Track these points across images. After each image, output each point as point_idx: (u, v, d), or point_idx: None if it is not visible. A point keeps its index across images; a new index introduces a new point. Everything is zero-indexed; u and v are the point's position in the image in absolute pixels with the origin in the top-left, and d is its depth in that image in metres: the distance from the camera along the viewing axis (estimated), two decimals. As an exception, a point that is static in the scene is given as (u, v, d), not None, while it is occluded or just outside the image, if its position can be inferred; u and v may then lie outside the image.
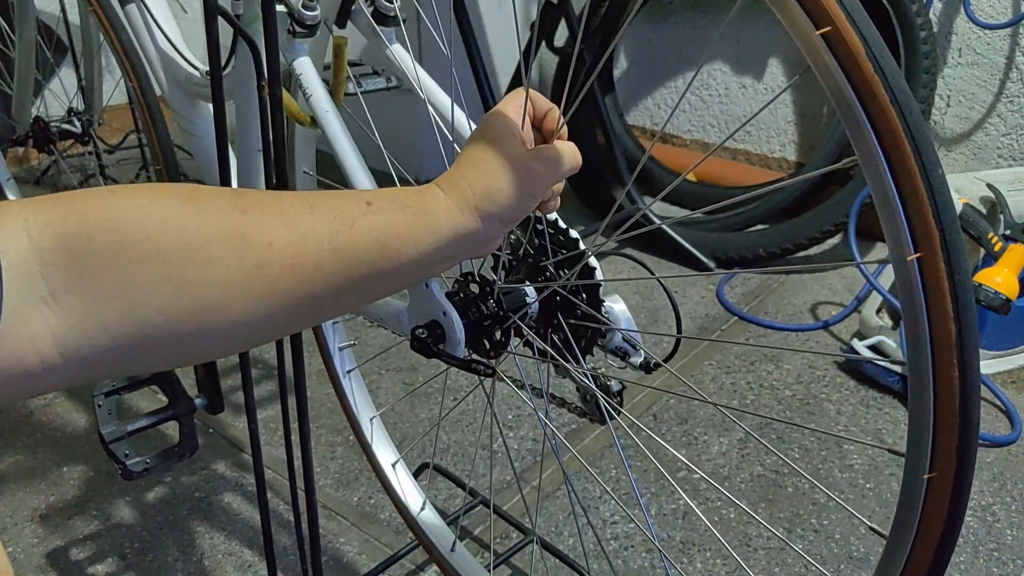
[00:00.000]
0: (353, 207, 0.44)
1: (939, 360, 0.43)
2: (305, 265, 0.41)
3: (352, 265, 0.43)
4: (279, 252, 0.40)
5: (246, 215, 0.40)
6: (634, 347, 0.63)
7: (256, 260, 0.40)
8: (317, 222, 0.42)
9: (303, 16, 0.71)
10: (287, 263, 0.41)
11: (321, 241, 0.42)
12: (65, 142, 1.64)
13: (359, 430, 1.01)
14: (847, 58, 0.41)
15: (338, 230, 0.43)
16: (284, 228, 0.41)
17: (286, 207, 0.42)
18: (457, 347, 0.61)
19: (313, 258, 0.42)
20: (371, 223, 0.44)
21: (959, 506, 0.45)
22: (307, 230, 0.42)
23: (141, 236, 0.37)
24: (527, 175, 0.50)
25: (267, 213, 0.41)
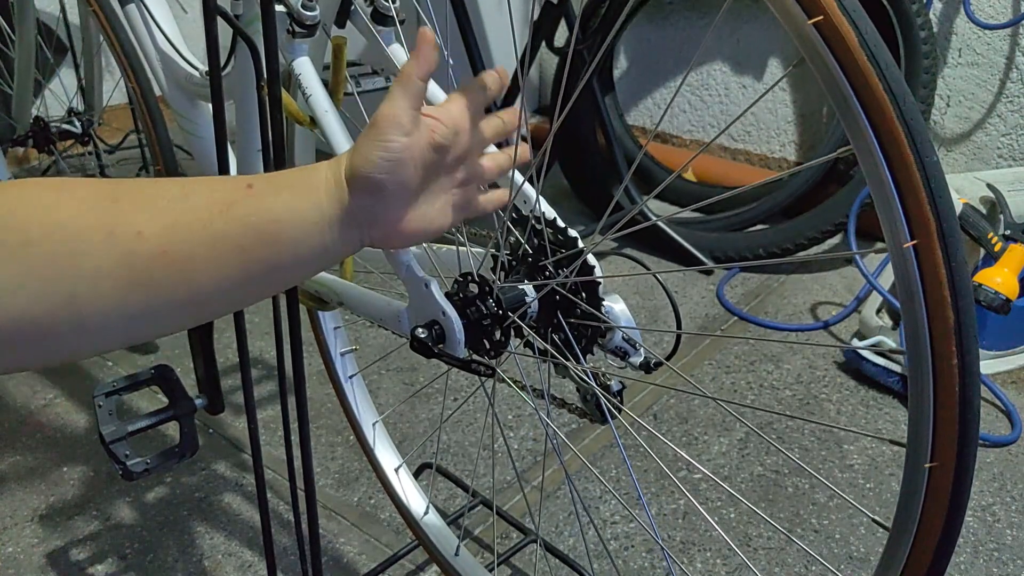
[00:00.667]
0: (231, 191, 0.42)
1: (938, 348, 0.43)
2: (177, 254, 0.39)
3: (229, 253, 0.41)
4: (148, 241, 0.39)
5: (116, 204, 0.39)
6: (634, 346, 0.63)
7: (124, 250, 0.38)
8: (190, 208, 0.40)
9: (302, 16, 0.71)
10: (157, 252, 0.39)
11: (193, 228, 0.40)
12: (65, 142, 1.64)
13: (361, 435, 1.01)
14: (840, 47, 0.41)
15: (212, 217, 0.41)
16: (154, 215, 0.39)
17: (160, 194, 0.41)
18: (457, 347, 0.61)
19: (185, 247, 0.40)
20: (247, 208, 0.42)
21: (961, 496, 0.45)
22: (179, 218, 0.40)
23: (12, 228, 0.37)
24: (374, 131, 0.47)
25: (138, 202, 0.40)
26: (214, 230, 0.41)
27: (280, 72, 0.66)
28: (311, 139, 0.88)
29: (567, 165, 2.05)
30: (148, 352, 1.52)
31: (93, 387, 1.41)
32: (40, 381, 1.44)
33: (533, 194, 0.67)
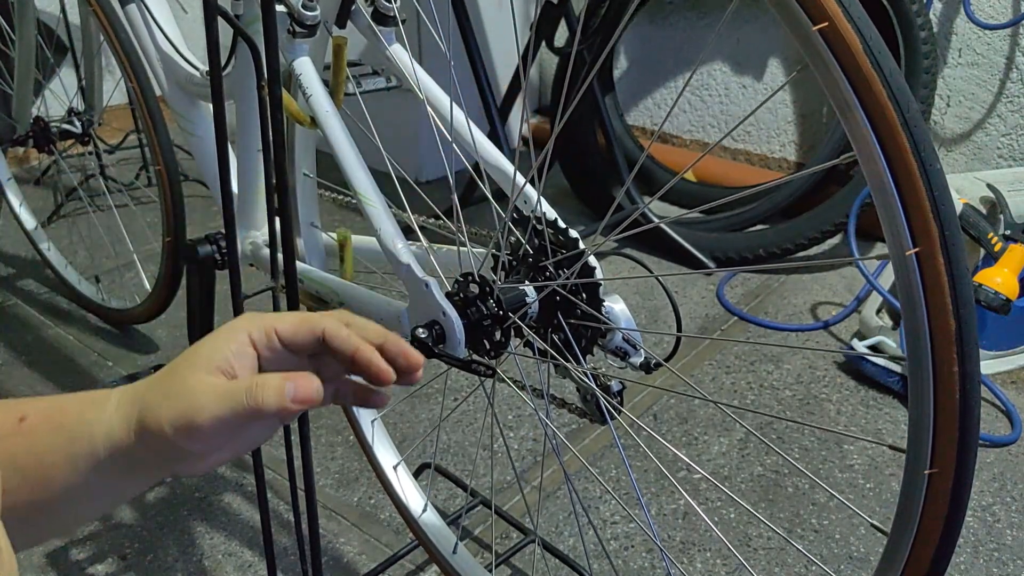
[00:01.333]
0: (3, 421, 0.39)
1: (939, 355, 0.43)
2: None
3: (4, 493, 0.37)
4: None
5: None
6: (634, 347, 0.63)
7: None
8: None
9: (303, 16, 0.71)
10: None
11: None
12: (65, 142, 1.64)
13: (360, 432, 1.01)
14: (844, 53, 0.41)
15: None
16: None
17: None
18: (457, 347, 0.61)
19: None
20: (15, 445, 0.38)
21: (960, 502, 0.45)
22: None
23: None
24: (190, 407, 0.40)
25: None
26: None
27: (281, 72, 0.66)
28: (312, 139, 0.88)
29: (567, 165, 2.05)
30: (148, 352, 1.52)
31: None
32: (40, 381, 1.44)
33: (534, 195, 0.67)
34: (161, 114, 1.25)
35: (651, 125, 2.33)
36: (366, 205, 0.67)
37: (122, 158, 2.27)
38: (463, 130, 0.70)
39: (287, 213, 0.71)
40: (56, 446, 0.39)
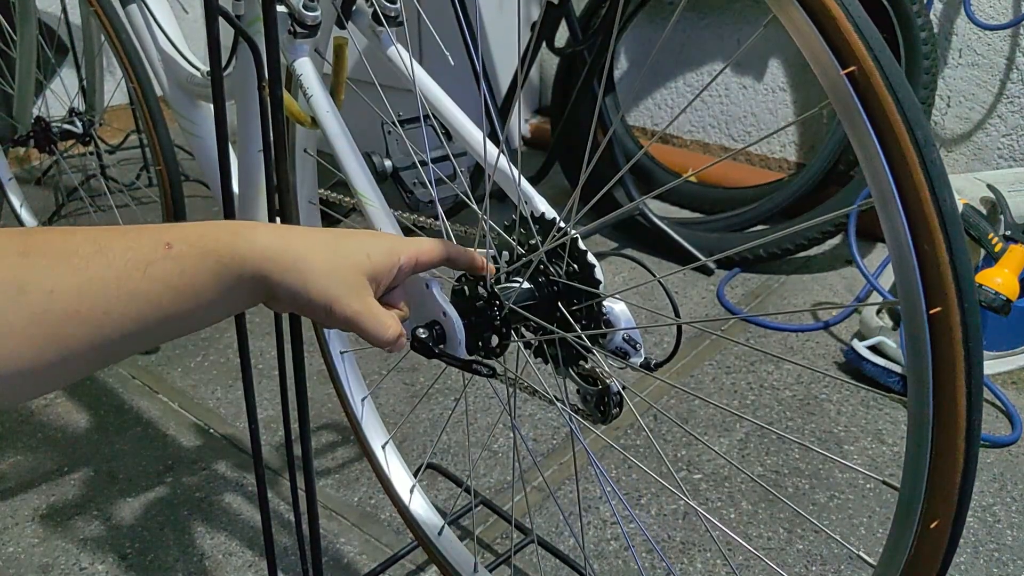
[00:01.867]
0: (149, 249, 0.41)
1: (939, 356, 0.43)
2: (92, 312, 0.39)
3: (145, 310, 0.41)
4: (62, 298, 0.38)
5: (27, 259, 0.38)
6: (635, 347, 0.63)
7: (36, 308, 0.37)
8: (106, 265, 0.40)
9: (304, 16, 0.71)
10: (71, 310, 0.38)
11: (108, 286, 0.39)
12: (66, 142, 1.64)
13: (350, 410, 1.01)
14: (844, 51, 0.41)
15: (129, 274, 0.40)
16: (68, 272, 0.38)
17: (73, 248, 0.39)
18: (458, 348, 0.61)
19: (100, 304, 0.39)
20: (166, 269, 0.41)
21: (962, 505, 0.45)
22: (94, 274, 0.39)
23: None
24: (345, 294, 0.48)
25: (51, 255, 0.39)
26: (130, 288, 0.40)
27: (281, 72, 0.66)
28: (312, 139, 0.88)
29: (567, 165, 2.05)
30: (149, 352, 1.52)
31: (92, 386, 1.41)
32: (41, 381, 1.44)
33: (534, 194, 0.67)
34: (162, 114, 1.25)
35: (651, 125, 2.33)
36: (366, 205, 0.67)
37: (123, 158, 2.27)
38: (463, 131, 0.70)
39: (288, 213, 0.71)
40: (205, 269, 0.43)
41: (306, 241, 0.47)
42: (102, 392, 1.42)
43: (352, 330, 0.50)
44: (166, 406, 1.38)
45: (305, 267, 0.46)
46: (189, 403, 1.39)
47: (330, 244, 0.48)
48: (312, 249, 0.47)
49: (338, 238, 0.49)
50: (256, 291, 0.46)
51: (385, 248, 0.51)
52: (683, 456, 1.24)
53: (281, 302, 0.47)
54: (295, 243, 0.47)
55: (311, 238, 0.48)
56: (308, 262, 0.47)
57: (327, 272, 0.47)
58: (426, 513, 0.97)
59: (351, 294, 0.48)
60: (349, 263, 0.49)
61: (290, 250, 0.46)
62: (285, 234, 0.47)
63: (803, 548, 1.08)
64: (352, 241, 0.50)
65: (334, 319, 0.49)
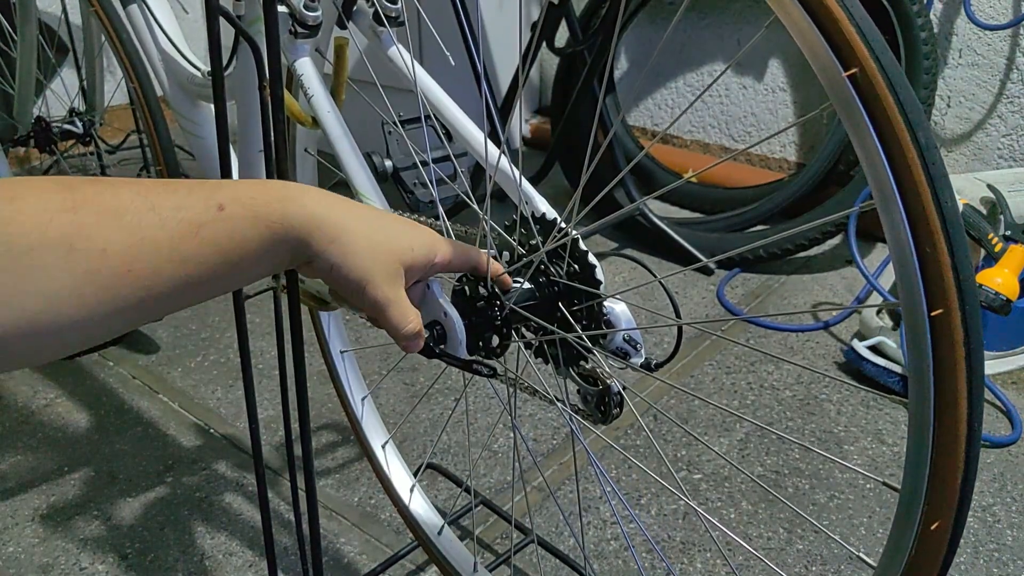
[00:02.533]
0: (202, 210, 0.41)
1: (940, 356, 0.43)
2: (143, 272, 0.39)
3: (195, 272, 0.41)
4: (113, 258, 0.37)
5: (76, 215, 0.37)
6: (635, 347, 0.63)
7: (87, 268, 0.37)
8: (158, 225, 0.39)
9: (304, 16, 0.71)
10: (123, 270, 0.38)
11: (161, 247, 0.39)
12: (66, 142, 1.64)
13: (350, 410, 1.01)
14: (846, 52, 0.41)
15: (182, 235, 0.40)
16: (120, 231, 0.38)
17: (124, 204, 0.39)
18: (458, 348, 0.61)
19: (151, 265, 0.39)
20: (218, 231, 0.41)
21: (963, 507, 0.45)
22: (146, 234, 0.39)
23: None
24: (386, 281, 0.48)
25: (101, 213, 0.38)
26: (182, 250, 0.40)
27: (282, 72, 0.66)
28: (313, 138, 0.88)
29: (567, 165, 2.05)
30: (149, 353, 1.52)
31: (93, 386, 1.41)
32: (41, 381, 1.44)
33: (535, 194, 0.67)
34: (162, 114, 1.25)
35: (651, 125, 2.33)
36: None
37: (123, 158, 2.27)
38: (463, 129, 0.70)
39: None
40: (256, 233, 0.43)
41: (353, 215, 0.47)
42: (102, 392, 1.42)
43: (376, 315, 0.50)
44: (166, 406, 1.38)
45: (349, 241, 0.46)
46: (189, 403, 1.39)
47: (376, 223, 0.48)
48: (359, 224, 0.47)
49: (384, 220, 0.49)
50: (297, 255, 0.46)
51: (427, 243, 0.51)
52: (683, 456, 1.24)
53: (317, 270, 0.47)
54: (343, 215, 0.47)
55: (358, 213, 0.48)
56: (353, 237, 0.47)
57: (369, 251, 0.47)
58: (426, 513, 0.98)
59: (387, 280, 0.49)
60: (392, 248, 0.49)
61: (338, 222, 0.46)
62: (334, 204, 0.47)
63: (803, 548, 1.08)
64: (397, 227, 0.50)
65: (364, 299, 0.49)
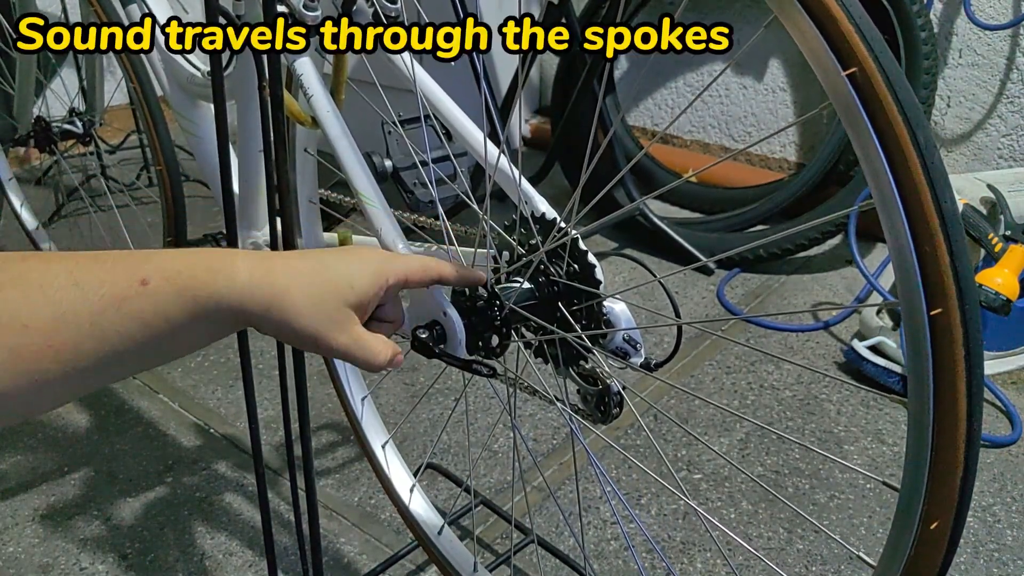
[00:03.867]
0: (125, 284, 0.41)
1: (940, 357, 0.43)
2: (64, 347, 0.39)
3: (119, 346, 0.41)
4: (36, 334, 0.38)
5: (2, 292, 0.38)
6: (635, 347, 0.63)
7: (9, 343, 0.38)
8: (80, 300, 0.40)
9: (304, 16, 0.71)
10: (44, 344, 0.39)
11: (82, 322, 0.40)
12: (66, 142, 1.64)
13: (350, 410, 1.01)
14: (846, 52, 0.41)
15: (102, 309, 0.40)
16: (43, 306, 0.39)
17: (49, 281, 0.39)
18: (458, 347, 0.61)
19: (73, 339, 0.40)
20: (141, 306, 0.41)
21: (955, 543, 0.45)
22: (68, 309, 0.39)
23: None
24: (333, 326, 0.48)
25: (26, 288, 0.39)
26: (103, 324, 0.40)
27: (282, 73, 0.66)
28: (313, 138, 0.88)
29: (567, 165, 2.05)
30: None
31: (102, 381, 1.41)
32: (41, 381, 1.44)
33: (535, 194, 0.67)
34: (162, 114, 1.25)
35: (651, 125, 2.33)
36: (367, 205, 0.67)
37: (123, 158, 2.27)
38: (464, 131, 0.70)
39: (288, 213, 0.71)
40: (181, 307, 0.43)
41: (288, 274, 0.47)
42: (102, 392, 1.42)
43: (344, 360, 0.51)
44: (166, 406, 1.38)
45: (287, 304, 0.46)
46: (189, 403, 1.39)
47: (313, 275, 0.48)
48: (294, 283, 0.47)
49: (321, 268, 0.48)
50: (237, 323, 0.46)
51: (370, 273, 0.50)
52: (683, 456, 1.24)
53: (267, 333, 0.47)
54: (277, 278, 0.46)
55: (293, 270, 0.47)
56: (290, 298, 0.46)
57: (310, 307, 0.47)
58: (426, 513, 0.97)
59: (336, 328, 0.48)
60: (332, 296, 0.48)
61: (271, 287, 0.46)
62: (266, 268, 0.46)
63: (803, 548, 1.08)
64: (336, 270, 0.49)
65: (322, 352, 0.49)
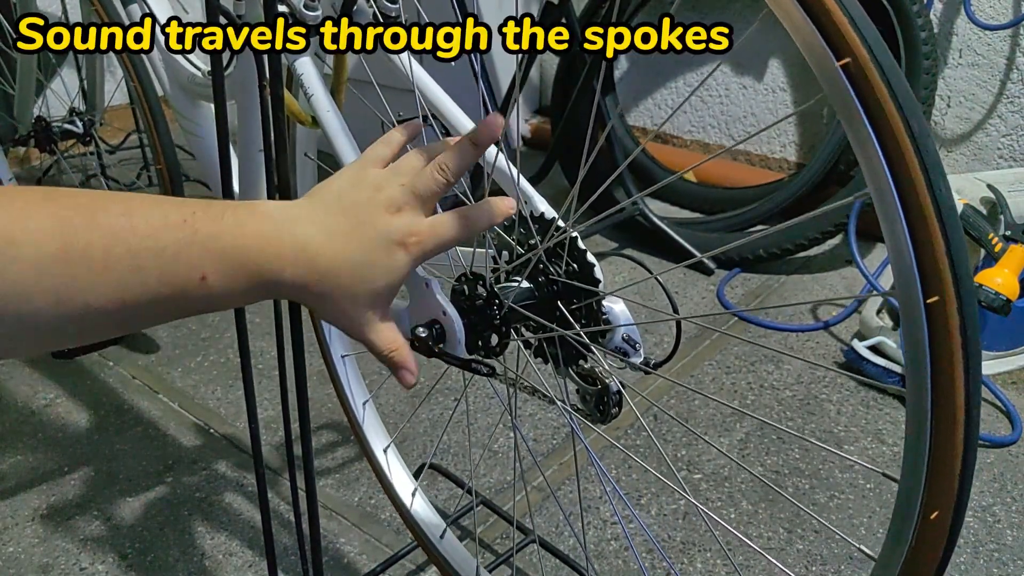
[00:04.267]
0: (186, 278, 0.44)
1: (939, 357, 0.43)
2: (124, 319, 0.43)
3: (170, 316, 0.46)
4: (98, 312, 0.42)
5: (63, 212, 0.41)
6: (634, 347, 0.63)
7: (74, 316, 0.41)
8: (140, 285, 0.43)
9: (304, 16, 0.71)
10: (109, 311, 0.42)
11: (141, 304, 0.43)
12: (67, 142, 1.64)
13: (351, 414, 1.01)
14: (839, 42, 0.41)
15: (166, 298, 0.44)
16: (104, 275, 0.42)
17: (114, 258, 0.42)
18: (457, 347, 0.61)
19: (136, 323, 0.44)
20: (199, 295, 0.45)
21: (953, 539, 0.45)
22: (129, 296, 0.43)
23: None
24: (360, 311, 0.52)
25: (90, 270, 0.41)
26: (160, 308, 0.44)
27: (282, 72, 0.66)
28: (313, 143, 0.88)
29: (567, 165, 2.05)
30: (149, 352, 1.52)
31: (94, 386, 1.41)
32: (41, 381, 1.44)
33: (534, 194, 0.67)
34: (163, 114, 1.25)
35: (651, 125, 2.33)
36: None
37: (123, 158, 2.27)
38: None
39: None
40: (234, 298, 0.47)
41: (332, 278, 0.49)
42: (102, 392, 1.42)
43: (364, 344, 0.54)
44: (166, 406, 1.38)
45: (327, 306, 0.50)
46: (189, 403, 1.39)
47: (355, 281, 0.50)
48: (336, 292, 0.50)
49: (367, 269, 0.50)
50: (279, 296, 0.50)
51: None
52: (683, 456, 1.24)
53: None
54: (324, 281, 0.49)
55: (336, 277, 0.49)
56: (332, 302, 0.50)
57: (349, 307, 0.51)
58: (428, 517, 0.97)
59: (362, 323, 0.52)
60: (371, 292, 0.51)
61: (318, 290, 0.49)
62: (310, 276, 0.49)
63: (803, 548, 1.08)
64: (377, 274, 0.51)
65: (348, 335, 0.53)
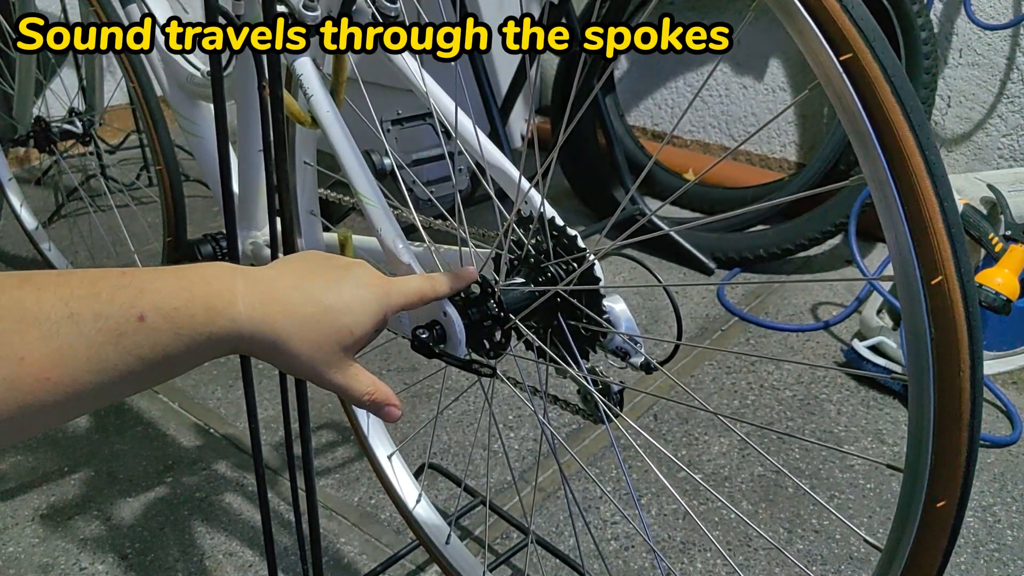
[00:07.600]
0: (122, 319, 0.41)
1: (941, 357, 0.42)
2: (61, 379, 0.39)
3: (116, 376, 0.41)
4: (32, 366, 0.38)
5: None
6: (634, 347, 0.63)
7: (5, 374, 0.38)
8: (77, 334, 0.40)
9: (304, 16, 0.71)
10: (41, 378, 0.39)
11: (79, 356, 0.40)
12: (66, 142, 1.64)
13: (355, 421, 1.01)
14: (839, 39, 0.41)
15: (100, 344, 0.40)
16: (39, 340, 0.39)
17: (45, 312, 0.39)
18: (457, 347, 0.61)
19: (70, 372, 0.40)
20: (139, 342, 0.41)
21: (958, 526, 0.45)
22: (65, 343, 0.39)
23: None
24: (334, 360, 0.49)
25: (21, 321, 0.38)
26: (102, 358, 0.41)
27: (282, 72, 0.66)
28: (312, 148, 0.88)
29: (567, 165, 2.05)
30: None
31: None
32: (41, 381, 1.44)
33: (535, 195, 0.67)
34: (162, 114, 1.25)
35: (651, 125, 2.33)
36: (367, 205, 0.67)
37: (123, 158, 2.27)
38: (465, 130, 0.70)
39: (288, 213, 0.71)
40: (178, 344, 0.43)
41: (288, 320, 0.47)
42: (102, 392, 1.41)
43: (336, 393, 0.52)
44: (166, 406, 1.38)
45: (286, 348, 0.47)
46: (189, 403, 1.39)
47: (313, 324, 0.48)
48: (295, 332, 0.47)
49: (321, 314, 0.48)
50: (236, 352, 0.47)
51: (371, 314, 0.51)
52: (683, 456, 1.24)
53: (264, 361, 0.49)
54: (277, 323, 0.46)
55: (293, 316, 0.47)
56: (290, 343, 0.47)
57: (310, 351, 0.48)
58: (433, 522, 0.97)
59: (333, 369, 0.50)
60: (333, 339, 0.49)
61: (272, 332, 0.46)
62: (265, 312, 0.46)
63: (803, 548, 1.08)
64: (336, 315, 0.49)
65: (317, 384, 0.51)
